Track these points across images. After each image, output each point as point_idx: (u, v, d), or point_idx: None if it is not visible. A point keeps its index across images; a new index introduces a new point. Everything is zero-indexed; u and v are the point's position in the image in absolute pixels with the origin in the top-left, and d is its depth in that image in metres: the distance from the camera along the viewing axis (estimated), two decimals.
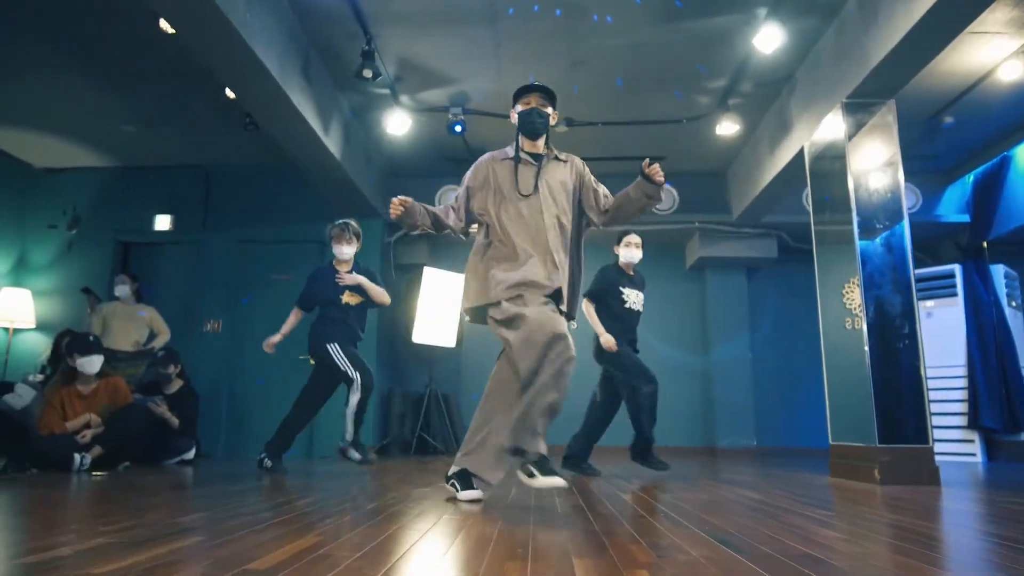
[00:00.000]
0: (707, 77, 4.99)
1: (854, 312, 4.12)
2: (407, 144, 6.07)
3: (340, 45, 4.61)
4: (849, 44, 4.09)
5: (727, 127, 5.17)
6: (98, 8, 4.14)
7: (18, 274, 6.57)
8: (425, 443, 6.48)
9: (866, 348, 3.82)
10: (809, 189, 4.59)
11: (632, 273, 4.41)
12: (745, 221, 6.56)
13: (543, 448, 2.43)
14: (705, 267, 7.20)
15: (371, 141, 5.99)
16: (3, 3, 4.06)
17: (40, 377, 5.21)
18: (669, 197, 6.73)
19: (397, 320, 6.67)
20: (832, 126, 4.20)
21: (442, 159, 6.42)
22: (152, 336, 5.69)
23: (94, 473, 3.92)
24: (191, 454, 4.86)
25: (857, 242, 3.94)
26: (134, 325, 5.63)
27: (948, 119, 5.50)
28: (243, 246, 6.62)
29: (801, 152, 4.70)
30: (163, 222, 6.68)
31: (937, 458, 6.21)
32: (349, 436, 4.18)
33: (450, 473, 2.60)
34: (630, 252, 4.35)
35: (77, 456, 3.99)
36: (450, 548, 1.65)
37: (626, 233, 4.37)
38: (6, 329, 6.25)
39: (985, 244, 6.42)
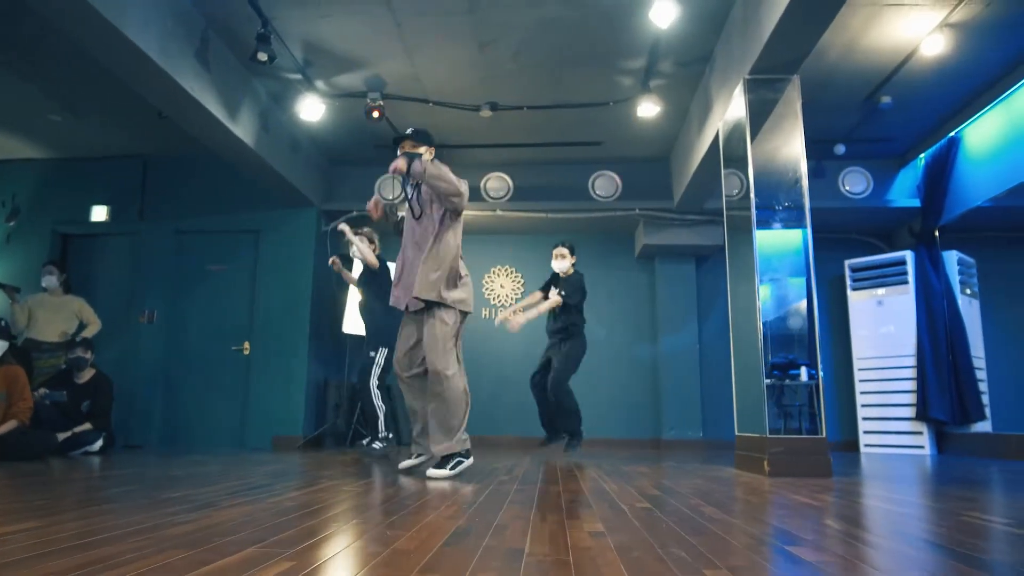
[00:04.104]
0: (623, 57, 4.82)
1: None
2: (338, 131, 5.97)
3: (244, 29, 4.49)
4: (751, 16, 3.92)
5: (648, 108, 5.01)
6: None
7: None
8: (360, 435, 6.38)
9: (759, 335, 3.67)
10: (722, 172, 4.44)
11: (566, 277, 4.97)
12: (686, 207, 6.38)
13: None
14: (654, 256, 7.04)
15: (297, 128, 5.89)
16: None
17: None
18: (611, 183, 6.58)
19: (332, 310, 6.58)
20: (738, 105, 4.04)
21: (376, 147, 6.31)
22: (82, 327, 5.66)
23: None
24: (97, 446, 4.81)
25: (755, 225, 3.77)
26: (61, 316, 5.60)
27: (886, 99, 5.28)
28: (179, 237, 6.57)
29: (718, 134, 4.54)
30: (100, 213, 6.65)
31: (885, 451, 6.12)
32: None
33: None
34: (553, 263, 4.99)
35: None
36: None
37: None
38: None
39: (937, 231, 6.19)
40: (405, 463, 3.51)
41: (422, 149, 3.36)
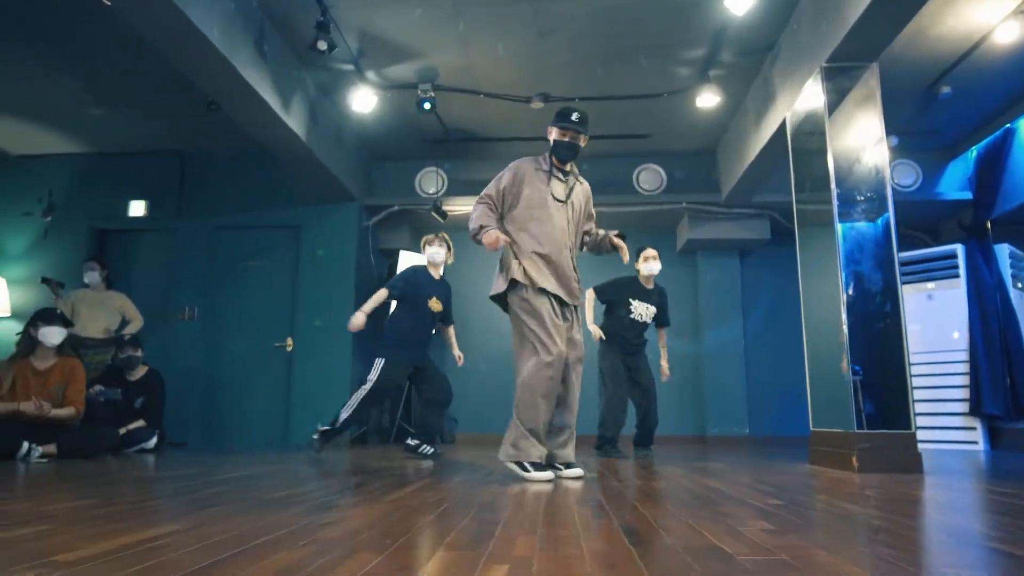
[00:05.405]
0: (684, 46, 4.73)
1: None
2: (382, 124, 5.88)
3: (299, 19, 4.42)
4: (827, 3, 3.83)
5: (707, 99, 4.92)
6: None
7: None
8: (405, 432, 6.30)
9: (844, 328, 3.59)
10: (791, 164, 4.34)
11: (651, 286, 4.84)
12: (734, 201, 6.29)
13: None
14: (696, 250, 6.95)
15: (343, 120, 5.80)
16: None
17: None
18: (656, 176, 6.49)
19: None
20: (812, 94, 3.94)
21: (420, 141, 6.22)
22: (124, 323, 5.58)
23: (38, 458, 3.82)
24: (152, 443, 4.73)
25: (836, 217, 3.68)
26: (104, 312, 5.51)
27: (945, 89, 5.18)
28: (217, 233, 6.48)
29: (783, 124, 4.44)
30: (138, 208, 6.56)
31: (938, 446, 6.02)
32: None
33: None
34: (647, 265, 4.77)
35: (25, 444, 3.88)
36: None
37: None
38: None
39: (989, 224, 6.10)
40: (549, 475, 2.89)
41: (582, 140, 3.15)
